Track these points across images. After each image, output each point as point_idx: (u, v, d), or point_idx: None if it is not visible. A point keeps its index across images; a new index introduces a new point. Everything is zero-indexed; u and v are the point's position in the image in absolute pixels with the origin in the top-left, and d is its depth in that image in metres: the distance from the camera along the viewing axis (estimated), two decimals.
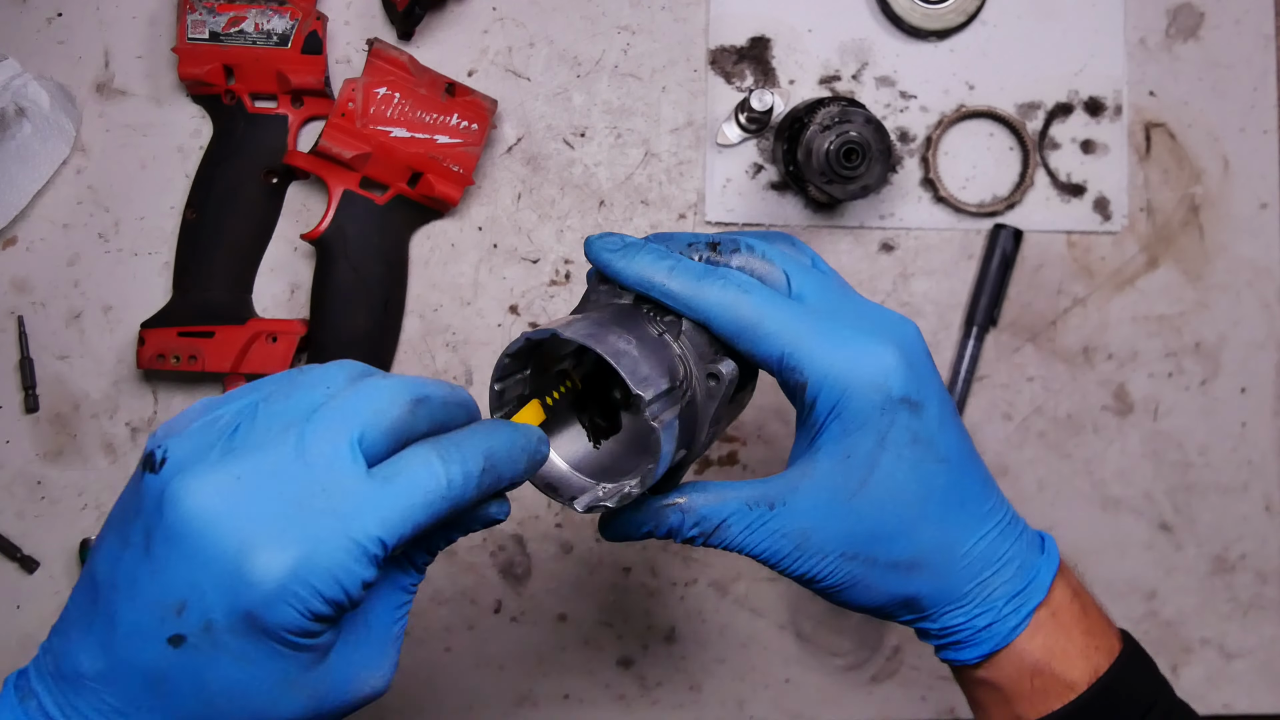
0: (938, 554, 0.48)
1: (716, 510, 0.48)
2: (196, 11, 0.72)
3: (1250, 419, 0.81)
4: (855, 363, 0.46)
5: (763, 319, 0.47)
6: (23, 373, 0.74)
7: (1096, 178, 0.79)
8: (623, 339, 0.45)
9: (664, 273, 0.48)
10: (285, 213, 0.76)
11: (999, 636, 0.48)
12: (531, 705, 0.77)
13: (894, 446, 0.46)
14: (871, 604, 0.49)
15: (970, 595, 0.48)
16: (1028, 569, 0.49)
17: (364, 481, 0.37)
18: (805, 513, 0.47)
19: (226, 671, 0.37)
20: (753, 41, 0.78)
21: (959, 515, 0.48)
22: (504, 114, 0.77)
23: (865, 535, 0.47)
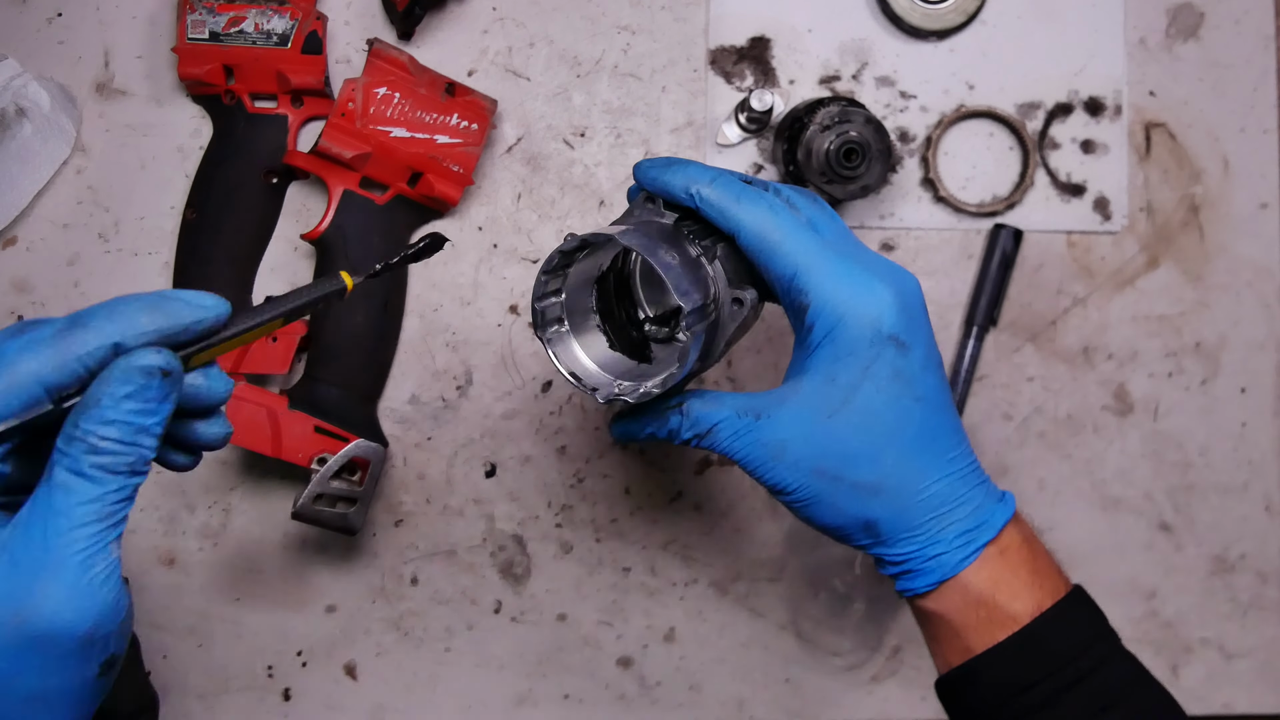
0: (899, 483, 0.51)
1: (709, 415, 0.53)
2: (196, 11, 0.72)
3: (1250, 419, 0.81)
4: (856, 295, 0.50)
5: (784, 239, 0.51)
6: None
7: (1096, 178, 0.79)
8: (670, 254, 0.50)
9: (706, 182, 0.53)
10: (285, 213, 0.76)
11: (947, 566, 0.52)
12: (531, 705, 0.77)
13: (876, 377, 0.50)
14: (834, 522, 0.52)
15: (924, 526, 0.52)
16: (982, 511, 0.52)
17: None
18: (786, 425, 0.51)
19: None
20: (753, 41, 0.78)
21: (925, 452, 0.52)
22: (504, 114, 0.77)
23: (836, 453, 0.51)
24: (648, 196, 0.56)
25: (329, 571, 0.76)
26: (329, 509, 0.71)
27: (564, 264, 0.53)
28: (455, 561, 0.77)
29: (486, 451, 0.77)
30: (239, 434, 0.71)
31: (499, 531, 0.77)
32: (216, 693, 0.76)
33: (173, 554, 0.76)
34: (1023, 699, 0.50)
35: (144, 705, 0.74)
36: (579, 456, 0.77)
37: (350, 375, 0.73)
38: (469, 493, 0.77)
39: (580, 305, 0.55)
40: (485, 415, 0.77)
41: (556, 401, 0.77)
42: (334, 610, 0.76)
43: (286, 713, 0.76)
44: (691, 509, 0.78)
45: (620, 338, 0.56)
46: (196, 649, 0.76)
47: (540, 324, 0.54)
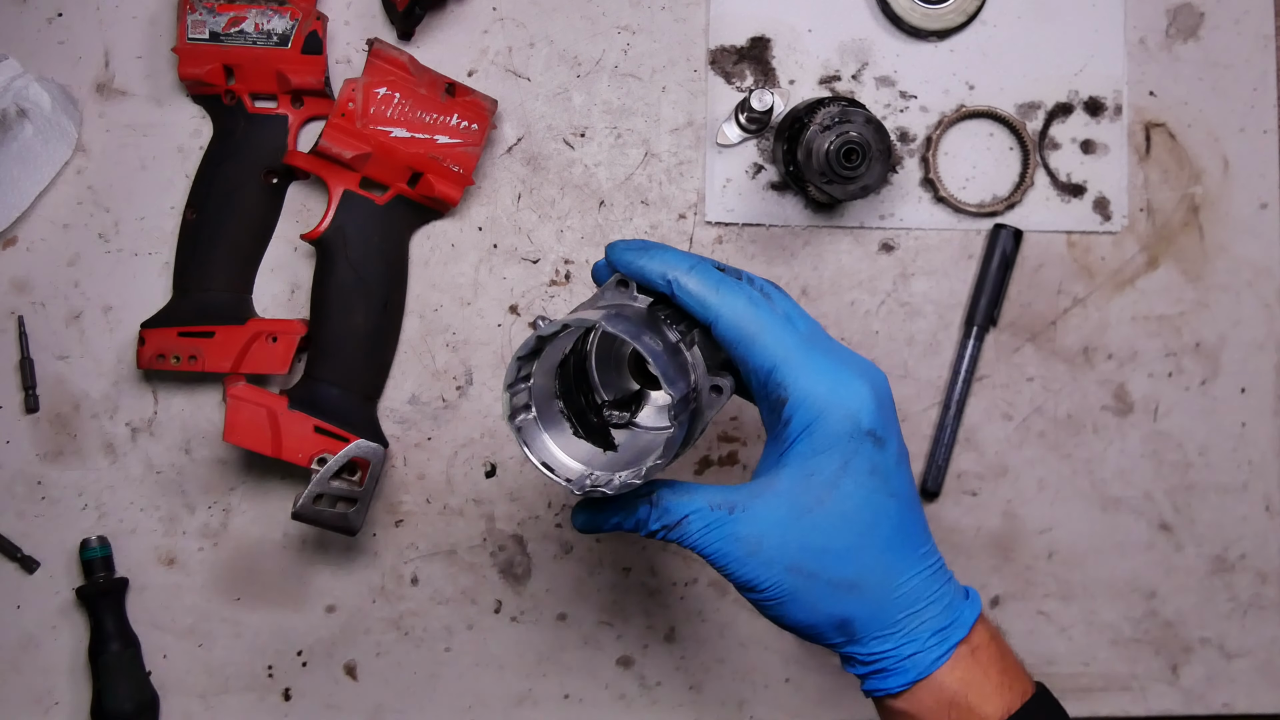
0: (877, 580, 0.51)
1: (681, 506, 0.51)
2: (196, 11, 0.72)
3: (1250, 419, 0.81)
4: (834, 390, 0.50)
5: (763, 331, 0.51)
6: (23, 373, 0.74)
7: (1096, 178, 0.79)
8: (654, 340, 0.48)
9: (685, 270, 0.52)
10: (285, 213, 0.76)
11: (922, 666, 0.51)
12: (531, 705, 0.77)
13: (855, 473, 0.50)
14: (806, 620, 0.51)
15: (900, 624, 0.51)
16: (953, 609, 0.52)
17: None
18: (762, 521, 0.50)
19: None
20: (753, 41, 0.78)
21: (901, 549, 0.51)
22: (504, 114, 0.77)
23: (814, 550, 0.50)
24: (620, 280, 0.54)
25: (329, 571, 0.76)
26: (329, 509, 0.71)
27: (538, 349, 0.50)
28: (455, 561, 0.77)
29: (486, 451, 0.77)
30: (239, 434, 0.71)
31: (499, 531, 0.77)
32: (216, 693, 0.76)
33: (173, 554, 0.76)
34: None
35: (144, 705, 0.74)
36: None
37: (350, 375, 0.73)
38: (469, 493, 0.77)
39: (545, 392, 0.53)
40: (485, 415, 0.77)
41: None
42: (334, 610, 0.76)
43: (286, 713, 0.76)
44: None
45: (583, 424, 0.54)
46: (196, 649, 0.76)
47: (511, 414, 0.51)
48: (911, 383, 0.79)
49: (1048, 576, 0.80)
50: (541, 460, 0.51)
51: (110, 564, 0.74)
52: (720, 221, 0.78)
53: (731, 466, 0.78)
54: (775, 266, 0.78)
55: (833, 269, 0.79)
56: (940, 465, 0.78)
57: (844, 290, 0.79)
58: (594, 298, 0.55)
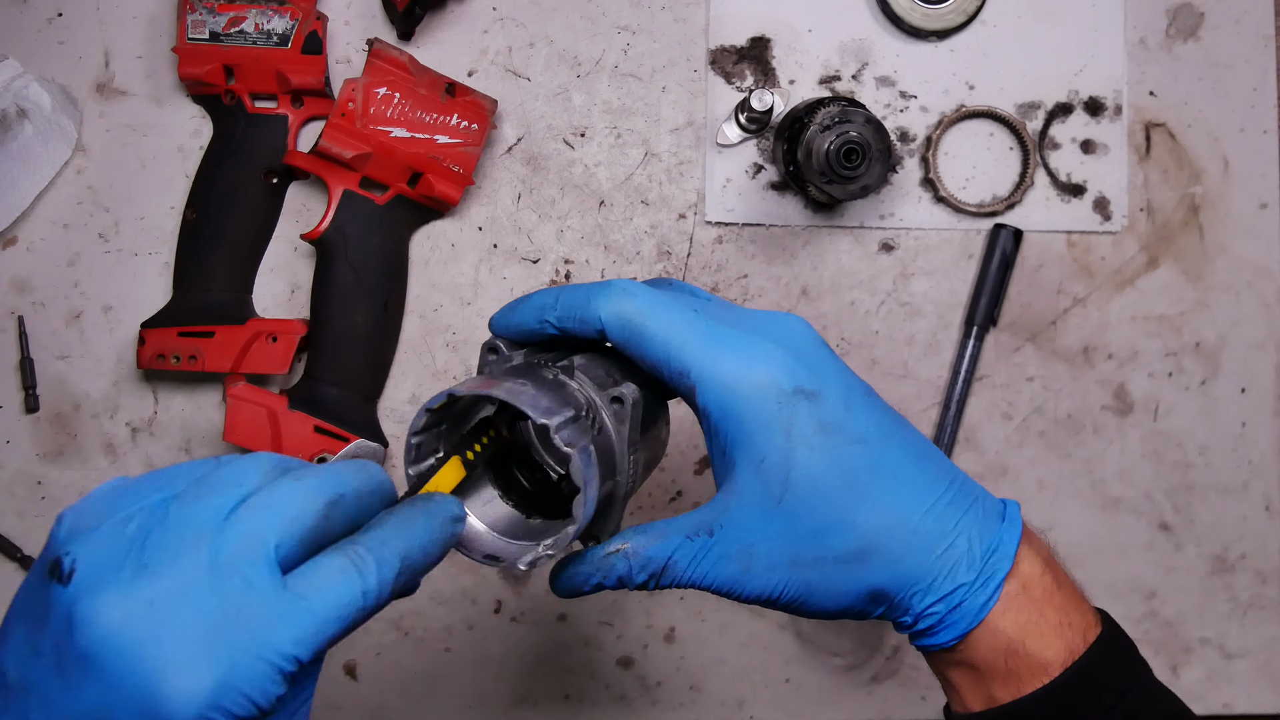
0: (885, 536, 0.45)
1: (661, 549, 0.46)
2: (196, 11, 0.72)
3: (1250, 419, 0.81)
4: (740, 362, 0.45)
5: (648, 318, 0.46)
6: (23, 373, 0.74)
7: (1096, 178, 0.79)
8: (517, 383, 0.44)
9: (552, 299, 0.48)
10: (285, 213, 0.76)
11: (970, 615, 0.46)
12: (531, 705, 0.77)
13: (802, 438, 0.45)
14: (839, 607, 0.47)
15: (932, 573, 0.46)
16: (988, 536, 0.46)
17: (279, 598, 0.36)
18: (742, 528, 0.46)
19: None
20: (753, 41, 0.78)
21: (895, 492, 0.46)
22: (504, 114, 0.77)
23: (806, 535, 0.45)
24: (489, 348, 0.50)
25: None
26: None
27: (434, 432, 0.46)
28: (455, 561, 0.77)
29: None
30: (239, 434, 0.71)
31: None
32: None
33: None
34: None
35: None
36: None
37: (350, 375, 0.73)
38: None
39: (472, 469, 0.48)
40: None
41: None
42: None
43: None
44: (691, 508, 0.78)
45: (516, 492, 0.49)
46: None
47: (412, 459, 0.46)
48: (911, 383, 0.79)
49: None
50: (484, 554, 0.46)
51: None
52: (720, 221, 0.78)
53: None
54: (775, 266, 0.78)
55: (833, 269, 0.79)
56: None
57: (844, 290, 0.79)
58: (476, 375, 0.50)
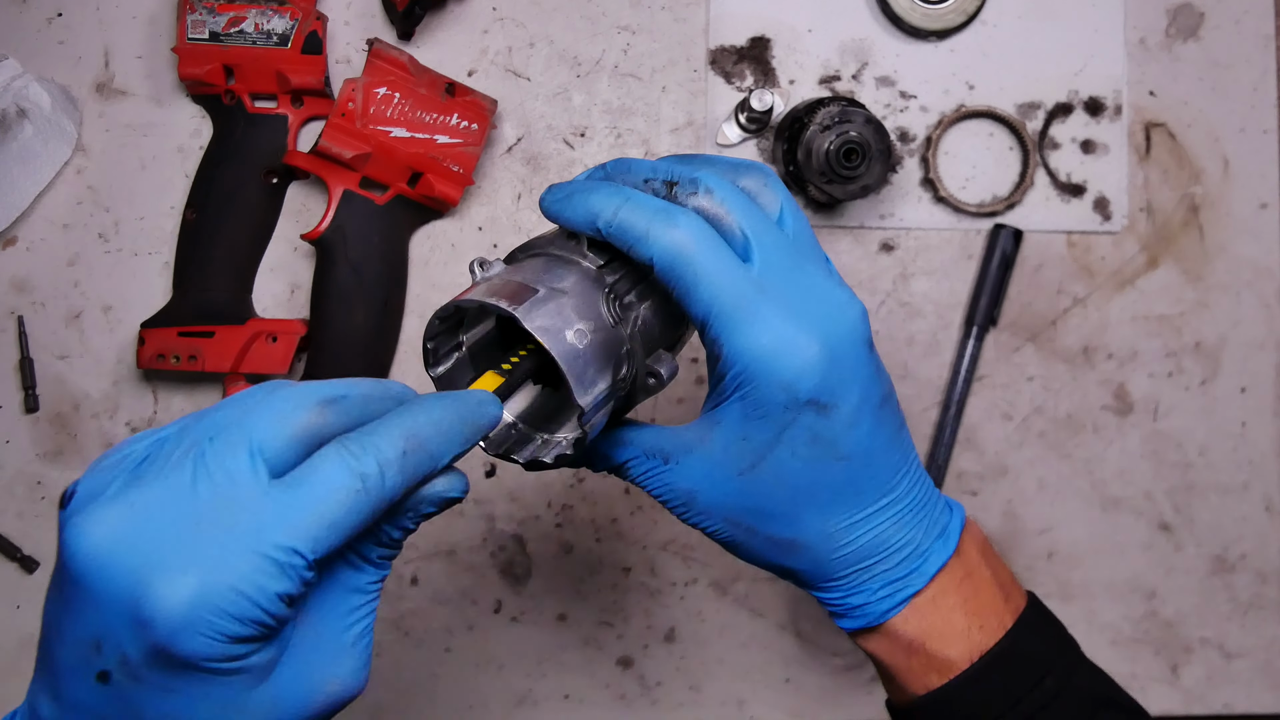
0: (817, 541, 0.48)
1: (619, 454, 0.50)
2: (196, 11, 0.72)
3: (1250, 419, 0.81)
4: (772, 354, 0.45)
5: (700, 279, 0.45)
6: (23, 373, 0.74)
7: (1096, 178, 0.79)
8: (578, 332, 0.44)
9: (611, 211, 0.46)
10: (285, 213, 0.76)
11: (871, 616, 0.49)
12: (531, 705, 0.77)
13: (790, 443, 0.46)
14: (755, 562, 0.50)
15: (847, 579, 0.48)
16: (916, 556, 0.48)
17: (265, 492, 0.35)
18: (694, 475, 0.48)
19: (158, 705, 0.36)
20: (753, 41, 0.78)
21: (849, 508, 0.47)
22: (504, 114, 0.77)
23: (748, 509, 0.47)
24: (568, 234, 0.48)
25: None
26: None
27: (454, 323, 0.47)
28: (455, 561, 0.77)
29: None
30: None
31: (499, 531, 0.77)
32: None
33: None
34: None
35: None
36: None
37: (350, 375, 0.73)
38: (469, 493, 0.77)
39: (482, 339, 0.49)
40: None
41: None
42: None
43: None
44: None
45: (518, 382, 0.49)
46: None
47: (431, 362, 0.47)
48: (911, 383, 0.79)
49: (1048, 576, 0.80)
50: None
51: None
52: None
53: None
54: None
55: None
56: (940, 465, 0.78)
57: None
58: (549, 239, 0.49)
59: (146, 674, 0.35)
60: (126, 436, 0.75)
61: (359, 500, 0.36)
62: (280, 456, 0.36)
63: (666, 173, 0.48)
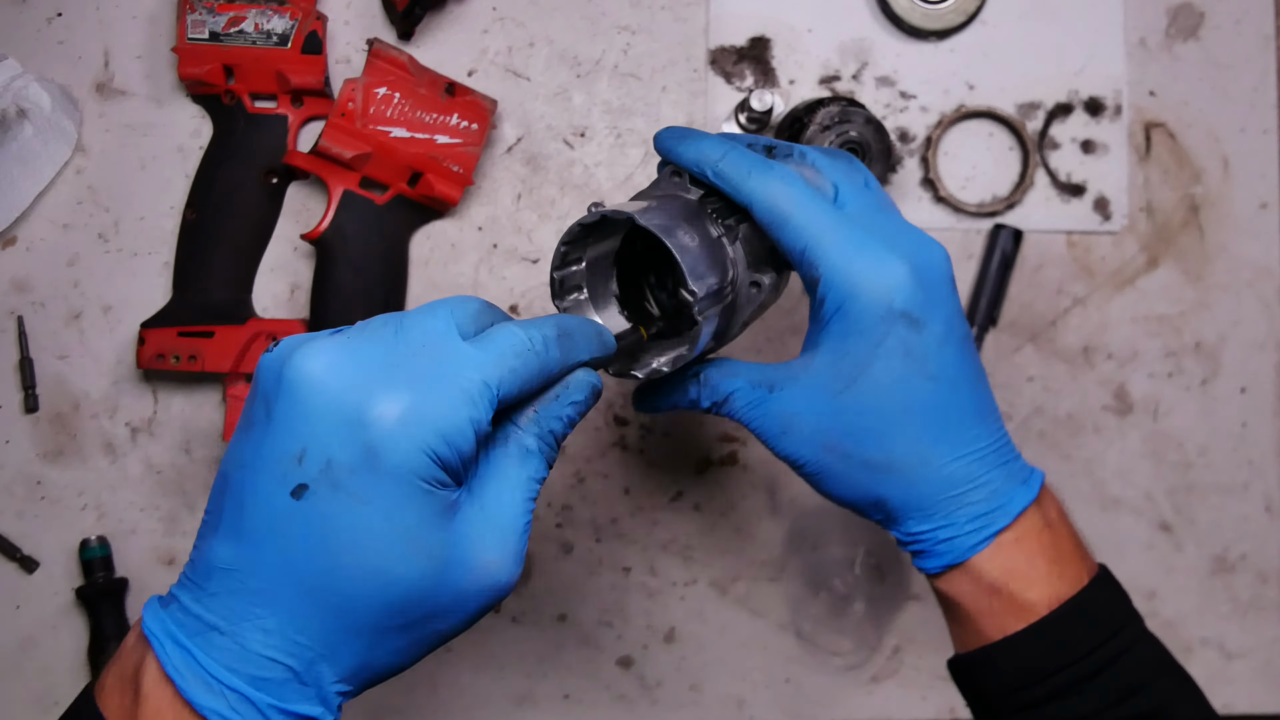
0: (909, 462, 0.50)
1: (725, 385, 0.53)
2: (196, 11, 0.72)
3: (1250, 419, 0.81)
4: (868, 271, 0.49)
5: (795, 211, 0.50)
6: (23, 373, 0.74)
7: (1096, 178, 0.80)
8: (688, 235, 0.49)
9: (718, 156, 0.52)
10: (285, 213, 0.76)
11: (957, 551, 0.50)
12: (531, 705, 0.77)
13: (886, 355, 0.49)
14: (845, 496, 0.52)
15: (936, 507, 0.50)
16: (1000, 494, 0.51)
17: (459, 343, 0.41)
18: (796, 400, 0.51)
19: (348, 518, 0.39)
20: (753, 41, 0.78)
21: (939, 432, 0.50)
22: (504, 114, 0.77)
23: (844, 430, 0.50)
24: (674, 170, 0.54)
25: None
26: None
27: (584, 235, 0.52)
28: None
29: None
30: None
31: None
32: None
33: (173, 554, 0.76)
34: (1039, 687, 0.49)
35: None
36: (579, 456, 0.77)
37: None
38: None
39: (600, 278, 0.54)
40: None
41: None
42: None
43: None
44: (691, 509, 0.78)
45: (638, 313, 0.55)
46: None
47: (558, 293, 0.53)
48: None
49: None
50: None
51: (110, 564, 0.74)
52: None
53: (732, 466, 0.78)
54: None
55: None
56: None
57: None
58: (652, 185, 0.55)
59: (347, 480, 0.39)
60: (126, 437, 0.75)
61: (530, 359, 0.43)
62: (464, 326, 0.43)
63: (768, 141, 0.55)
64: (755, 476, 0.78)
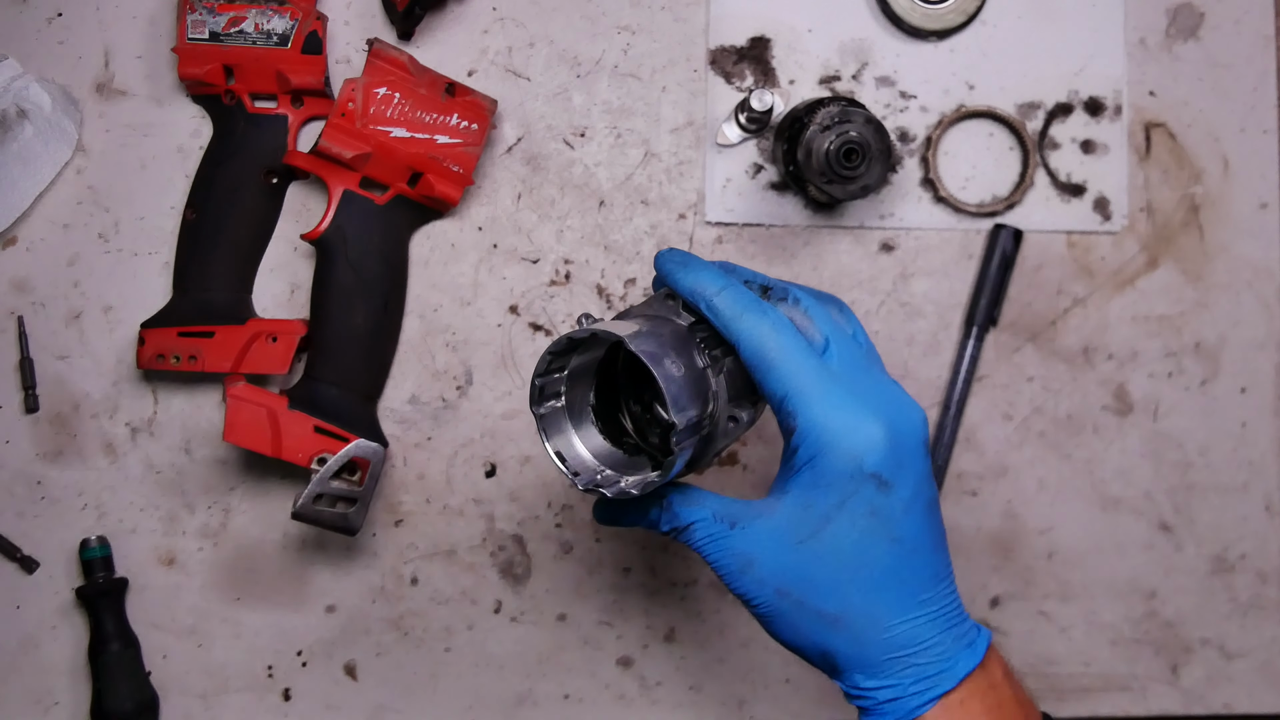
0: (860, 619, 0.51)
1: (688, 514, 0.54)
2: (196, 11, 0.72)
3: (1250, 419, 0.81)
4: (843, 429, 0.50)
5: (781, 359, 0.51)
6: (23, 373, 0.74)
7: (1096, 178, 0.79)
8: (675, 364, 0.50)
9: (715, 290, 0.53)
10: (285, 213, 0.76)
11: (901, 712, 0.51)
12: (531, 705, 0.77)
13: (850, 513, 0.50)
14: (793, 642, 0.53)
15: (882, 667, 0.51)
16: (947, 657, 0.51)
17: None
18: (756, 541, 0.52)
19: None
20: (753, 41, 0.78)
21: (893, 594, 0.51)
22: (504, 114, 0.77)
23: (801, 579, 0.51)
24: (668, 293, 0.55)
25: (329, 571, 0.76)
26: (329, 509, 0.71)
27: (570, 348, 0.53)
28: (455, 561, 0.77)
29: (486, 451, 0.77)
30: (239, 434, 0.71)
31: (499, 531, 0.77)
32: (216, 693, 0.76)
33: (173, 554, 0.76)
34: None
35: (144, 705, 0.74)
36: None
37: (350, 375, 0.73)
38: (469, 493, 0.77)
39: (579, 388, 0.55)
40: (485, 415, 0.77)
41: None
42: (334, 610, 0.76)
43: (286, 713, 0.76)
44: None
45: (611, 429, 0.56)
46: (196, 649, 0.76)
47: (536, 400, 0.53)
48: (911, 383, 0.79)
49: (1048, 577, 0.80)
50: (556, 450, 0.54)
51: (110, 564, 0.74)
52: (720, 221, 0.78)
53: (732, 466, 0.78)
54: (775, 266, 0.78)
55: (833, 269, 0.79)
56: (940, 465, 0.78)
57: (844, 290, 0.79)
58: (645, 304, 0.57)
59: None
60: (126, 437, 0.75)
61: None
62: None
63: (764, 280, 0.57)
64: (755, 476, 0.78)
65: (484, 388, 0.77)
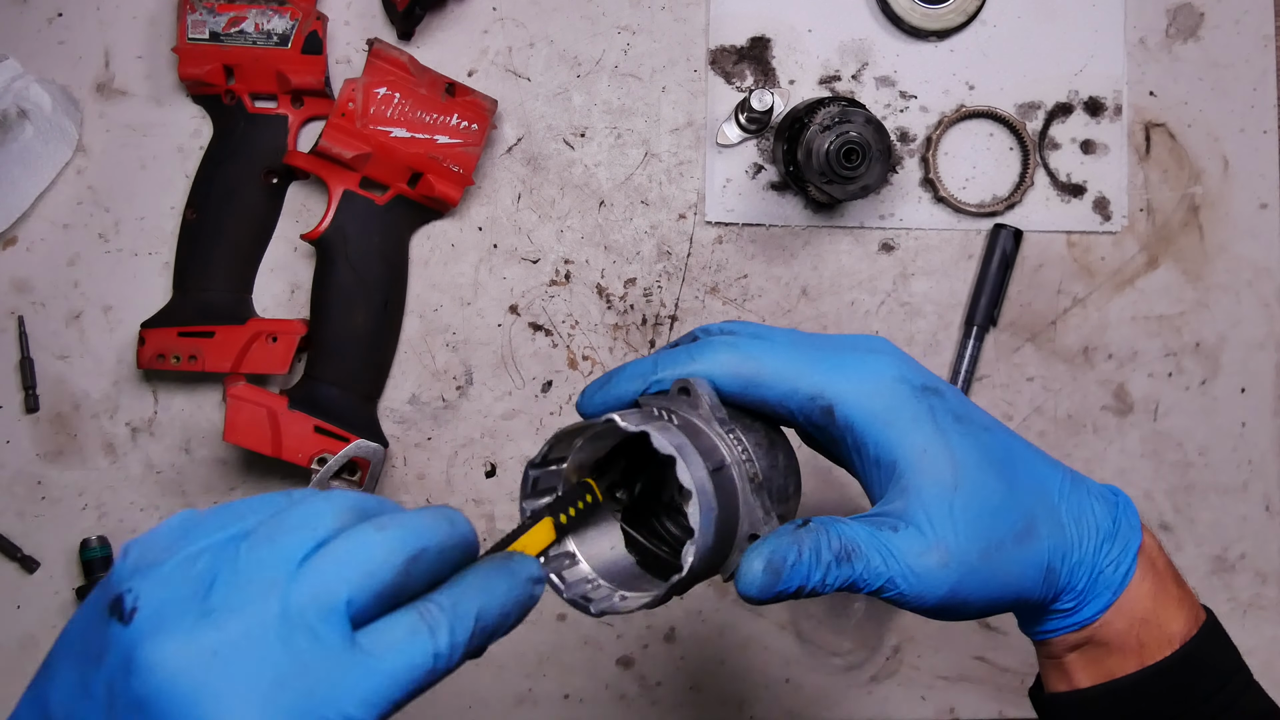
0: (1041, 510, 0.46)
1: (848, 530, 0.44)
2: (196, 11, 0.72)
3: (1250, 419, 0.81)
4: (867, 371, 0.45)
5: (759, 363, 0.46)
6: (23, 373, 0.74)
7: (1096, 178, 0.79)
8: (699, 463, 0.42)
9: (650, 367, 0.47)
10: (285, 213, 0.76)
11: (1113, 585, 0.47)
12: (531, 705, 0.77)
13: (948, 428, 0.45)
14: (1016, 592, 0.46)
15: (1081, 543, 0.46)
16: (1112, 513, 0.47)
17: (348, 656, 0.34)
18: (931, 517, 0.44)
19: None
20: (753, 41, 0.78)
21: (1033, 472, 0.47)
22: (504, 114, 0.77)
23: (986, 515, 0.44)
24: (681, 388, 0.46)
25: None
26: None
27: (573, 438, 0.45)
28: None
29: (486, 451, 0.77)
30: (239, 434, 0.71)
31: (499, 531, 0.77)
32: None
33: None
34: None
35: None
36: None
37: (350, 375, 0.73)
38: (469, 493, 0.77)
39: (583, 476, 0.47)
40: (485, 415, 0.77)
41: (556, 401, 0.77)
42: None
43: None
44: None
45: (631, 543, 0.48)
46: None
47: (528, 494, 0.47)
48: None
49: None
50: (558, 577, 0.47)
51: (110, 564, 0.74)
52: (720, 221, 0.78)
53: None
54: (775, 266, 0.78)
55: (833, 269, 0.79)
56: None
57: (844, 290, 0.79)
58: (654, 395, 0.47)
59: None
60: (126, 437, 0.75)
61: (429, 678, 0.36)
62: (363, 612, 0.35)
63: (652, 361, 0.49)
64: None
65: (484, 388, 0.77)
